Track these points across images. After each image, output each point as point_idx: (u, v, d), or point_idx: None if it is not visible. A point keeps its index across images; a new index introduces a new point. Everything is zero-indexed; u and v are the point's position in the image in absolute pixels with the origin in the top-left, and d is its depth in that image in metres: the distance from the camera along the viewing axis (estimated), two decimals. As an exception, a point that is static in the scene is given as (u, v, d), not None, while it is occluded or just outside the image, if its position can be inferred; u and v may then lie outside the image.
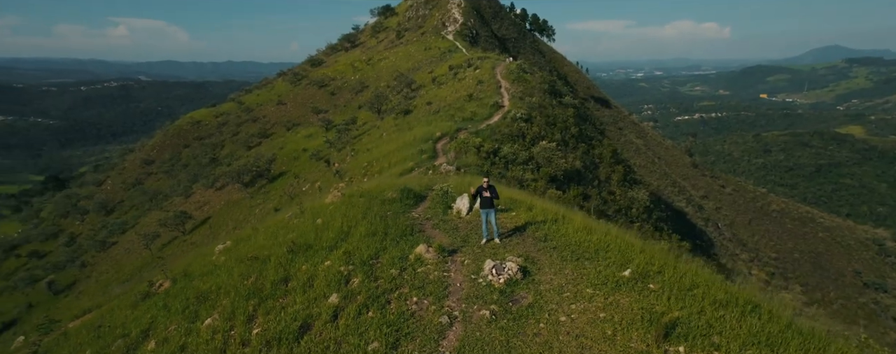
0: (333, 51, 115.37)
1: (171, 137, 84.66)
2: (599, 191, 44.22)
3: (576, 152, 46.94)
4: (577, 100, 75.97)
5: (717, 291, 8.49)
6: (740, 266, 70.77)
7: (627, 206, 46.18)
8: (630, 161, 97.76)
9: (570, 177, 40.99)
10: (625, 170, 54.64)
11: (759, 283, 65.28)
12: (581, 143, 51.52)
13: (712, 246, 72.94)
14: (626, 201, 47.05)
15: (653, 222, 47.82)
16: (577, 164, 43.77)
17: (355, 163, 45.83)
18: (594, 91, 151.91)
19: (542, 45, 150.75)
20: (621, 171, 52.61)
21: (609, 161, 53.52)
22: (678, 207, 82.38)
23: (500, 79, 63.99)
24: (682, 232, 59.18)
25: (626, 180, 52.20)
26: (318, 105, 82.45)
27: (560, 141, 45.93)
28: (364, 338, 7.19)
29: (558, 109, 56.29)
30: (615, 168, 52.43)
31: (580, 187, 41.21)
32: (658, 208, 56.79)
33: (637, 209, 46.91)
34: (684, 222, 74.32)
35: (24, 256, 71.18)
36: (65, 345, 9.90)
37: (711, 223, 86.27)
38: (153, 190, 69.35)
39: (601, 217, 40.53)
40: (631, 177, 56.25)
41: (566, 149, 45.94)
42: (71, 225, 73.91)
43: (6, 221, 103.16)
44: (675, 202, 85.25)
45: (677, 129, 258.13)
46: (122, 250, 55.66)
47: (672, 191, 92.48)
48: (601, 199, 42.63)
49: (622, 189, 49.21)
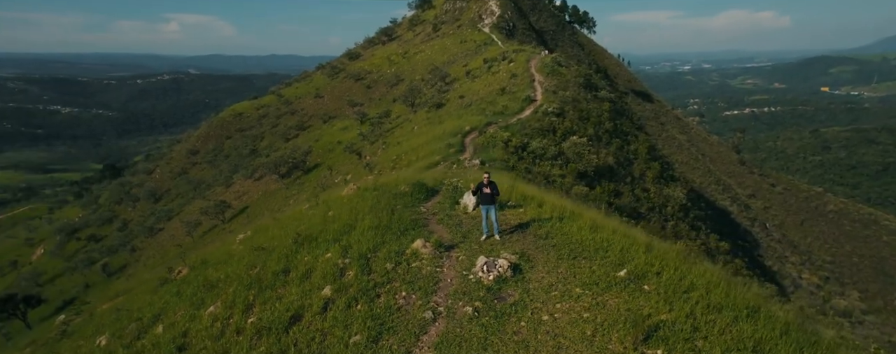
0: (371, 44, 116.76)
1: (214, 129, 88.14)
2: (632, 188, 43.17)
3: (609, 148, 45.95)
4: (614, 94, 74.08)
5: (716, 294, 8.23)
6: (788, 269, 67.47)
7: (662, 204, 44.89)
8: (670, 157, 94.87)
9: (602, 174, 40.20)
10: (661, 166, 53.06)
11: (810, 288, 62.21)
12: (615, 139, 50.36)
13: (757, 248, 69.87)
14: (661, 199, 45.74)
15: (689, 221, 46.31)
16: (610, 160, 42.87)
17: (385, 156, 46.46)
18: (635, 84, 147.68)
19: (582, 37, 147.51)
20: (657, 168, 51.12)
21: (645, 157, 52.08)
22: (721, 206, 79.26)
23: (534, 72, 63.23)
24: (723, 232, 56.98)
25: (663, 177, 50.70)
26: (354, 98, 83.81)
27: (593, 136, 45.03)
28: (349, 331, 7.41)
29: (593, 104, 55.13)
30: (651, 164, 50.97)
31: (612, 184, 40.37)
32: (697, 206, 54.86)
33: (672, 207, 45.54)
34: (727, 221, 71.44)
35: (84, 239, 76.14)
36: (90, 326, 10.64)
37: (758, 223, 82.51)
38: (197, 179, 72.57)
39: (633, 215, 39.72)
40: (668, 174, 54.58)
41: (599, 144, 45.01)
42: (124, 211, 78.39)
43: (70, 206, 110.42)
44: (719, 200, 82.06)
45: (725, 125, 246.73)
46: (167, 236, 58.63)
47: (715, 190, 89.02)
48: (634, 197, 41.65)
49: (657, 186, 47.84)
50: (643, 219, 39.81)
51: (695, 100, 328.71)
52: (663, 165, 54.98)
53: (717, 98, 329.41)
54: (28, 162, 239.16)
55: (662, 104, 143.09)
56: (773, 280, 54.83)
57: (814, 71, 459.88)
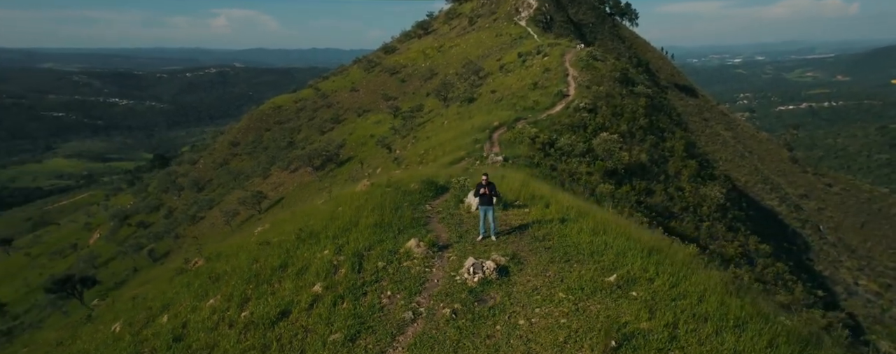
0: (407, 38, 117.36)
1: (255, 121, 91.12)
2: (665, 187, 41.96)
3: (642, 145, 44.74)
4: (652, 89, 71.77)
5: (710, 303, 7.99)
6: (843, 274, 63.91)
7: (697, 204, 43.43)
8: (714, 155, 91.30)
9: (633, 172, 39.28)
10: (699, 164, 51.23)
11: (867, 295, 58.60)
12: (650, 135, 48.95)
13: (807, 251, 66.46)
14: (697, 198, 44.24)
15: (727, 221, 44.62)
16: (643, 158, 41.78)
17: (414, 151, 46.84)
18: (678, 78, 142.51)
19: (624, 30, 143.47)
20: (694, 166, 49.42)
21: (681, 155, 50.41)
22: (767, 206, 75.75)
23: (568, 66, 62.09)
24: (767, 234, 54.52)
25: (700, 176, 48.96)
26: (389, 92, 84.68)
27: (626, 132, 43.93)
28: (330, 329, 7.64)
29: (628, 99, 53.70)
30: (687, 162, 49.32)
31: (643, 182, 39.39)
32: (737, 207, 52.73)
33: (708, 207, 43.98)
34: (773, 222, 68.29)
35: (134, 225, 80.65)
36: (110, 312, 11.38)
37: (810, 225, 78.37)
38: (237, 170, 75.39)
39: (665, 214, 38.63)
40: (707, 172, 52.64)
41: (632, 141, 43.90)
42: (170, 199, 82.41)
43: (123, 193, 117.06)
44: (765, 200, 78.48)
45: (778, 121, 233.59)
46: (208, 224, 61.27)
47: (762, 189, 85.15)
48: (667, 195, 40.49)
49: (693, 185, 46.27)
50: (675, 219, 38.68)
51: (745, 95, 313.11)
52: (701, 163, 53.03)
53: (771, 92, 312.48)
54: (90, 151, 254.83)
55: (707, 99, 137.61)
56: (822, 285, 52.07)
57: (883, 62, 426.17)
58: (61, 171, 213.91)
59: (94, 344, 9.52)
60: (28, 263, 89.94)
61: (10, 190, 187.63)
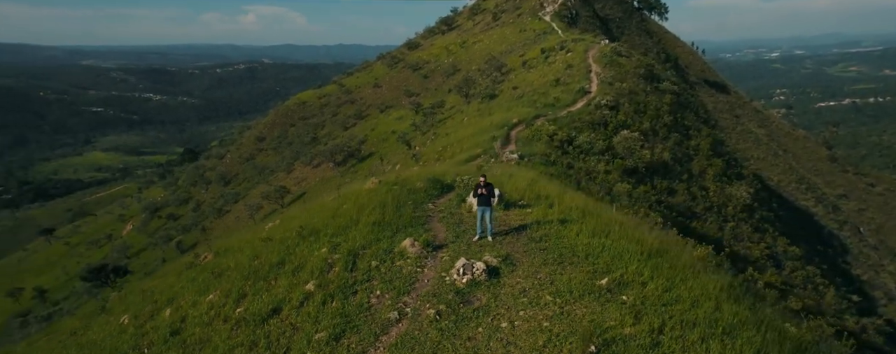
0: (431, 34, 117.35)
1: (280, 116, 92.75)
2: (688, 187, 41.02)
3: (666, 143, 43.82)
4: (678, 85, 70.00)
5: (704, 309, 7.80)
6: (884, 279, 61.32)
7: (722, 204, 42.33)
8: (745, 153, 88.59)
9: (655, 170, 38.56)
10: (725, 163, 49.87)
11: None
12: (674, 133, 47.89)
13: (845, 254, 64.05)
14: (722, 198, 43.12)
15: (753, 222, 43.35)
16: (665, 156, 40.98)
17: (432, 148, 46.94)
18: (709, 74, 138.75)
19: (652, 24, 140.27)
20: (720, 165, 48.15)
21: (707, 153, 49.18)
22: (801, 206, 73.16)
23: (591, 62, 61.18)
24: (798, 236, 52.73)
25: (726, 175, 47.67)
26: (411, 88, 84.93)
27: (648, 130, 43.09)
28: (317, 327, 7.76)
29: (652, 96, 52.63)
30: (713, 161, 48.08)
31: (665, 181, 38.64)
32: (766, 207, 51.14)
33: (734, 207, 42.81)
34: (808, 224, 65.95)
35: (164, 217, 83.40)
36: (122, 304, 11.84)
37: (849, 226, 75.44)
38: (262, 164, 76.99)
39: (686, 215, 37.81)
40: (734, 171, 51.20)
41: (654, 139, 43.06)
42: (198, 192, 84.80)
43: (155, 186, 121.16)
44: (799, 200, 75.79)
45: (817, 118, 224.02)
46: (233, 218, 62.81)
47: (796, 188, 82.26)
48: (689, 195, 39.61)
49: (718, 184, 45.11)
50: (697, 220, 37.84)
51: (782, 91, 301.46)
52: (728, 162, 51.58)
53: (810, 87, 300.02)
54: (125, 145, 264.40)
55: (740, 95, 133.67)
56: (859, 290, 50.10)
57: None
58: (99, 164, 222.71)
59: (103, 335, 9.92)
60: (67, 252, 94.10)
61: (53, 183, 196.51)
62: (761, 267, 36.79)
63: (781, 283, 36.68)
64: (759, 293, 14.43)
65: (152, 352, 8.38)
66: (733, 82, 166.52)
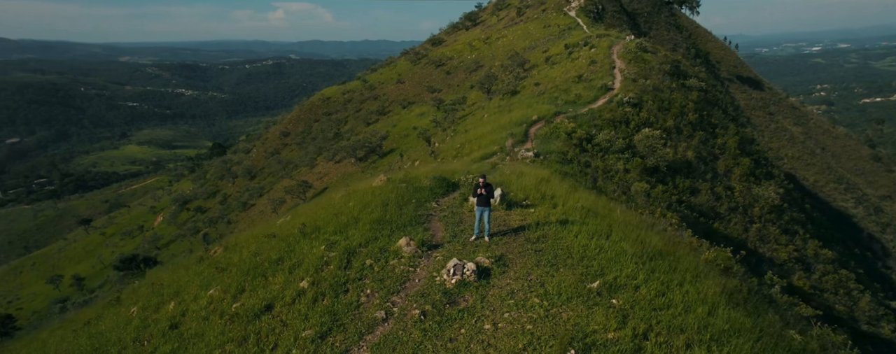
0: (455, 29, 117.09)
1: (305, 112, 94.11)
2: (712, 186, 40.04)
3: (690, 141, 42.85)
4: (707, 81, 68.10)
5: (695, 315, 7.59)
6: (929, 286, 58.68)
7: (748, 204, 41.17)
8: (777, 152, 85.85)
9: (677, 169, 37.81)
10: (753, 162, 48.43)
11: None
12: (699, 131, 46.77)
13: (885, 258, 61.53)
14: (748, 198, 41.94)
15: (782, 224, 42.02)
16: (689, 155, 40.13)
17: (450, 144, 46.96)
18: (742, 70, 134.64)
19: (683, 19, 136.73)
20: (747, 164, 46.80)
21: (733, 152, 47.85)
22: (840, 208, 70.44)
23: (615, 59, 60.16)
24: (834, 238, 50.88)
25: (754, 174, 46.32)
26: (434, 84, 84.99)
27: (672, 128, 42.21)
28: (305, 324, 7.88)
29: (677, 93, 51.47)
30: (740, 160, 46.76)
31: (688, 180, 37.83)
32: (797, 208, 49.47)
33: (761, 208, 41.58)
34: (846, 226, 63.55)
35: (192, 210, 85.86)
36: (134, 296, 12.26)
37: (893, 229, 72.40)
38: (286, 159, 78.34)
39: (709, 215, 36.95)
40: (763, 171, 49.67)
41: (678, 137, 42.16)
42: (225, 186, 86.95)
43: (185, 179, 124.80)
44: (837, 201, 72.99)
45: (862, 114, 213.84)
46: (257, 211, 64.21)
47: (835, 189, 79.28)
48: (713, 195, 38.69)
49: (744, 184, 43.87)
50: (721, 220, 36.94)
51: (822, 86, 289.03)
52: (757, 161, 50.12)
53: (854, 83, 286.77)
54: (159, 138, 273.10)
55: (775, 92, 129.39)
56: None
57: None
58: (134, 157, 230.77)
59: (111, 326, 10.31)
60: (103, 242, 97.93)
61: (92, 175, 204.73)
62: (787, 271, 35.70)
63: (809, 288, 35.46)
64: (771, 298, 13.98)
65: (151, 345, 8.68)
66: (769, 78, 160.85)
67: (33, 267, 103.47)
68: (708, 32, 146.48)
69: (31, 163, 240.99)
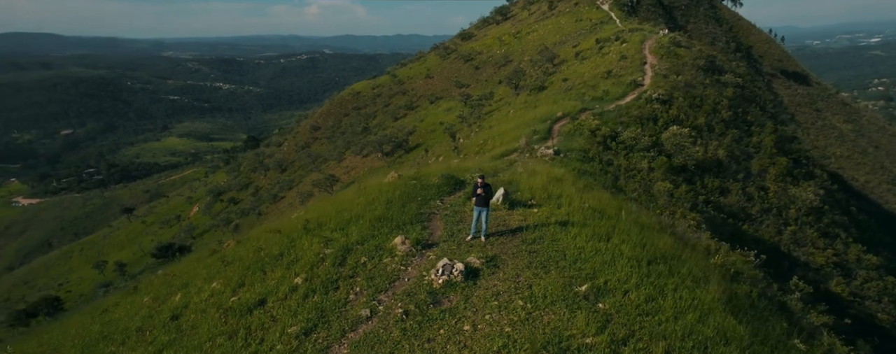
0: (485, 24, 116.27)
1: (335, 106, 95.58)
2: (744, 186, 38.68)
3: (722, 139, 41.44)
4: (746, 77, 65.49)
5: (684, 322, 7.37)
6: None
7: (783, 206, 39.57)
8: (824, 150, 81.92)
9: (707, 169, 36.71)
10: (792, 162, 46.44)
11: None
12: (732, 129, 45.16)
13: (941, 265, 57.98)
14: (784, 199, 40.30)
15: (821, 226, 40.22)
16: (720, 154, 38.90)
17: (474, 140, 46.85)
18: (788, 64, 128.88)
19: (724, 11, 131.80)
20: (784, 164, 44.91)
21: (769, 151, 46.01)
22: (892, 210, 66.71)
23: (647, 54, 58.66)
24: (881, 243, 48.34)
25: (791, 174, 44.42)
26: (462, 79, 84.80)
27: (703, 126, 40.92)
28: (293, 320, 8.06)
29: (710, 89, 49.83)
30: (776, 159, 44.93)
31: (717, 180, 36.67)
32: (840, 210, 47.18)
33: (797, 209, 39.91)
34: (898, 229, 60.14)
35: (226, 201, 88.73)
36: (150, 286, 12.83)
37: (954, 233, 68.10)
38: (316, 153, 79.86)
39: (739, 216, 35.76)
40: (801, 171, 47.55)
41: (709, 135, 40.86)
42: (257, 178, 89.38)
43: (220, 171, 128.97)
44: (890, 203, 69.15)
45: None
46: (286, 204, 65.79)
47: (888, 190, 75.13)
48: (744, 196, 37.37)
49: (780, 184, 42.14)
50: (751, 222, 35.67)
51: (880, 81, 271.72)
52: (796, 160, 48.03)
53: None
54: (197, 131, 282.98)
55: (824, 87, 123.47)
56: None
57: None
58: (174, 149, 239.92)
59: (123, 314, 10.82)
60: (143, 230, 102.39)
61: (136, 165, 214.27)
62: (825, 276, 34.18)
63: (849, 295, 33.82)
64: (785, 305, 13.41)
65: (151, 335, 9.07)
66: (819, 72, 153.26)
67: (81, 252, 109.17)
68: (751, 25, 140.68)
69: (82, 153, 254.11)
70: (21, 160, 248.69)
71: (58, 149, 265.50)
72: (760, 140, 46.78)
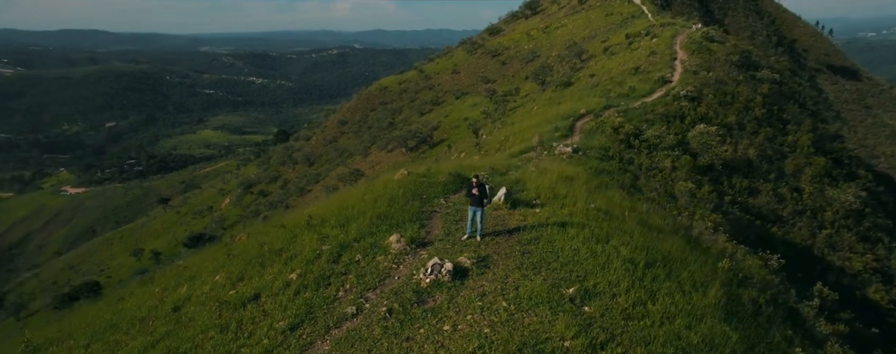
0: (513, 18, 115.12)
1: (362, 101, 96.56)
2: (775, 187, 37.26)
3: (753, 138, 40.03)
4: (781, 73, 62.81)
5: (666, 328, 7.20)
6: None
7: (818, 208, 37.96)
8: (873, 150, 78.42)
9: (735, 168, 35.55)
10: (832, 162, 44.41)
11: None
12: (765, 127, 43.53)
13: None
14: (820, 201, 38.65)
15: (861, 230, 38.42)
16: (751, 153, 37.63)
17: (496, 137, 46.61)
18: (835, 58, 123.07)
19: (766, 3, 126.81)
20: (822, 164, 43.01)
21: (806, 150, 44.13)
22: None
23: (677, 49, 57.07)
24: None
25: (830, 175, 42.50)
26: (488, 74, 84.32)
27: (733, 124, 39.61)
28: (282, 315, 8.23)
29: (743, 86, 48.15)
30: (813, 159, 43.09)
31: (746, 180, 35.46)
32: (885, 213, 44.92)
33: (835, 212, 38.24)
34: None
35: (255, 193, 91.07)
36: (163, 277, 13.33)
37: None
38: (342, 147, 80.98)
39: (769, 218, 34.56)
40: (843, 171, 45.43)
41: (740, 134, 39.52)
42: (286, 171, 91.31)
43: (251, 164, 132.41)
44: (946, 207, 65.34)
45: None
46: (312, 197, 66.98)
47: (943, 192, 71.05)
48: (775, 197, 36.00)
49: (816, 186, 40.41)
50: (782, 224, 34.37)
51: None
52: (837, 160, 45.91)
53: None
54: (231, 124, 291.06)
55: (875, 82, 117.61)
56: None
57: None
58: (209, 142, 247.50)
59: (134, 304, 11.29)
60: (178, 219, 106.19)
61: (173, 157, 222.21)
62: (862, 282, 32.69)
63: (888, 302, 32.28)
64: (797, 312, 12.88)
65: (152, 326, 9.44)
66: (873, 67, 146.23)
67: (121, 239, 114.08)
68: (796, 17, 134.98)
69: (124, 145, 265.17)
70: (69, 151, 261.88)
71: (102, 141, 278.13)
72: (797, 139, 44.89)
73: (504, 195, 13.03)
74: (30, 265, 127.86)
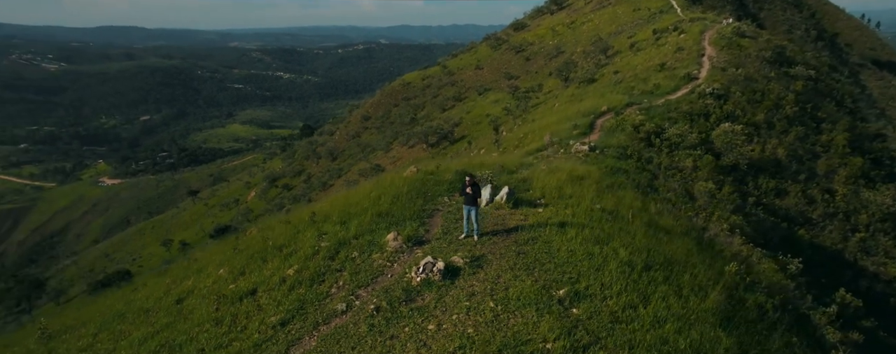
0: (539, 14, 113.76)
1: (385, 96, 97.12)
2: (805, 188, 35.94)
3: (783, 137, 38.67)
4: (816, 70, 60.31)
5: (653, 334, 7.02)
6: None
7: (851, 210, 36.47)
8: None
9: (762, 168, 34.46)
10: (869, 162, 42.56)
11: None
12: (797, 126, 41.98)
13: None
14: (854, 203, 37.12)
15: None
16: (780, 153, 36.39)
17: (516, 134, 46.29)
18: (881, 53, 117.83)
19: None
20: (858, 164, 41.21)
21: (841, 150, 42.37)
22: None
23: (706, 45, 55.47)
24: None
25: (867, 176, 40.74)
26: (512, 70, 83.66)
27: (762, 122, 38.34)
28: (276, 310, 8.37)
29: (774, 83, 46.50)
30: (848, 159, 41.37)
31: (773, 181, 34.33)
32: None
33: (869, 215, 36.71)
34: None
35: (280, 187, 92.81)
36: (174, 269, 13.74)
37: None
38: (365, 142, 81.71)
39: (796, 221, 33.44)
40: (882, 172, 43.49)
41: (769, 132, 38.25)
42: (310, 166, 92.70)
43: (277, 158, 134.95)
44: None
45: None
46: (333, 192, 67.88)
47: None
48: (804, 198, 34.73)
49: (850, 187, 38.80)
50: (810, 227, 33.15)
51: None
52: (876, 161, 43.94)
53: None
54: (258, 119, 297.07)
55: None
56: None
57: None
58: (237, 136, 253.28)
59: (144, 295, 11.68)
60: (205, 212, 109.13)
61: (202, 150, 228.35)
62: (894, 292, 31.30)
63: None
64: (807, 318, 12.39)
65: (155, 316, 9.74)
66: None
67: (153, 230, 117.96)
68: (839, 10, 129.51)
69: (157, 138, 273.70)
70: (107, 143, 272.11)
71: (137, 134, 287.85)
72: (831, 138, 43.10)
73: (506, 194, 12.93)
74: (69, 252, 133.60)
